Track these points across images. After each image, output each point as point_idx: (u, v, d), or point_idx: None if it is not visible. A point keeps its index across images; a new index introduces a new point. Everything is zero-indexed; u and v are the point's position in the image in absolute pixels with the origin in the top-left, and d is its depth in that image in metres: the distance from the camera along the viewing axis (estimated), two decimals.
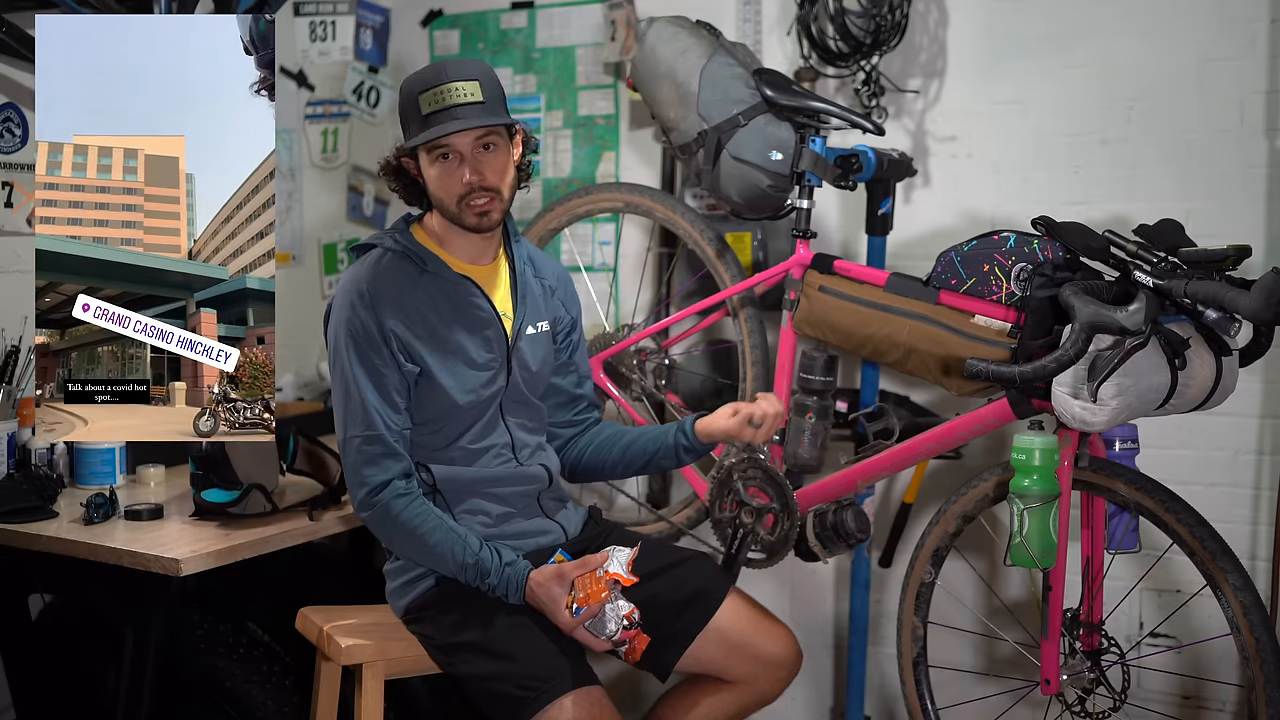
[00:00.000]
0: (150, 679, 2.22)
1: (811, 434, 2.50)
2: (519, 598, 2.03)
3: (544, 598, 2.00)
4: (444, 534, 2.04)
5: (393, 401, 2.07)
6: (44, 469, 2.49)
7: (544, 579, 2.01)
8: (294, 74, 3.39)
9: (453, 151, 2.06)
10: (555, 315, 2.29)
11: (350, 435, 2.07)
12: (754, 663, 2.17)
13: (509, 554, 2.06)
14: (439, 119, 2.03)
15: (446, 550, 2.04)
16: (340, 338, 2.08)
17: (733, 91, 2.47)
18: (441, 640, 2.08)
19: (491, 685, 2.01)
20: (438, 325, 2.11)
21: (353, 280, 2.10)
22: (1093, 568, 2.29)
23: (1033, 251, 2.15)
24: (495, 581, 2.03)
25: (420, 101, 2.04)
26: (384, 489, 2.05)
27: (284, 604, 2.32)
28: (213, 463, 2.31)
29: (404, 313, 2.08)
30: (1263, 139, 2.64)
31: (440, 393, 2.10)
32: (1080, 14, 2.78)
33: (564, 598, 1.99)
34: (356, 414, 2.06)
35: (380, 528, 2.09)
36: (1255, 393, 2.65)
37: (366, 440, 2.06)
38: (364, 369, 2.06)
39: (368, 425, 2.06)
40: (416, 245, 2.14)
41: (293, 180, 3.40)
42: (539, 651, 2.00)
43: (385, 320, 2.06)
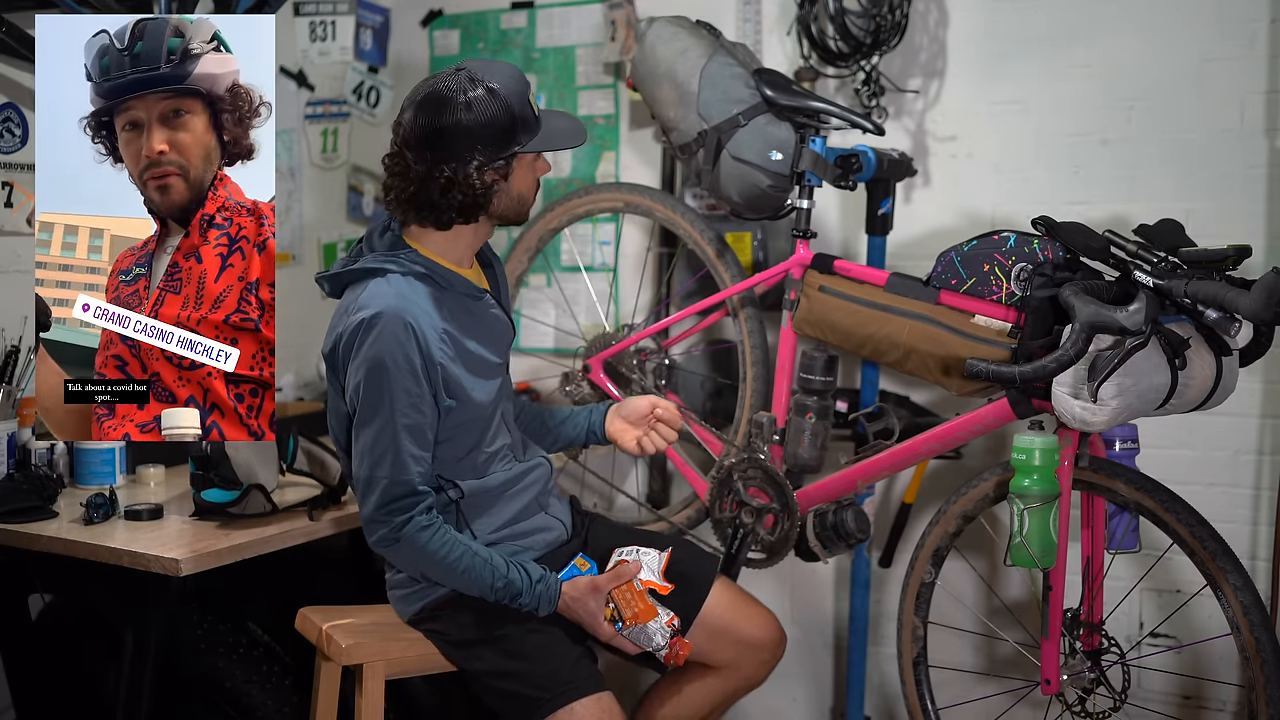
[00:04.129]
0: (150, 679, 2.21)
1: (811, 434, 2.50)
2: (551, 610, 2.02)
3: (581, 613, 2.00)
4: (471, 560, 2.01)
5: (426, 443, 2.01)
6: (44, 469, 2.49)
7: (579, 594, 2.01)
8: (294, 74, 3.39)
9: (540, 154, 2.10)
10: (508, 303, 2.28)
11: (378, 475, 1.99)
12: (737, 647, 2.18)
13: (535, 569, 2.05)
14: (547, 118, 2.08)
15: (475, 576, 2.01)
16: (385, 374, 1.96)
17: (733, 91, 2.47)
18: (457, 636, 2.08)
19: (504, 684, 2.02)
20: (466, 344, 2.07)
21: (393, 312, 1.97)
22: (1093, 568, 2.29)
23: (1033, 251, 2.15)
24: (527, 600, 2.01)
25: (532, 105, 2.06)
26: (407, 525, 2.00)
27: (284, 604, 2.32)
28: (213, 463, 2.31)
29: (442, 341, 2.02)
30: (1263, 139, 2.64)
31: (471, 408, 2.08)
32: (1081, 14, 2.78)
33: (602, 611, 1.98)
34: (388, 456, 1.98)
35: (404, 560, 2.06)
36: (1255, 393, 2.65)
37: (395, 484, 1.99)
38: (406, 414, 1.97)
39: (400, 470, 1.98)
40: (434, 265, 2.06)
41: (292, 180, 3.40)
42: (555, 654, 2.00)
43: (432, 353, 1.99)
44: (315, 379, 3.39)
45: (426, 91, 2.01)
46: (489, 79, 2.00)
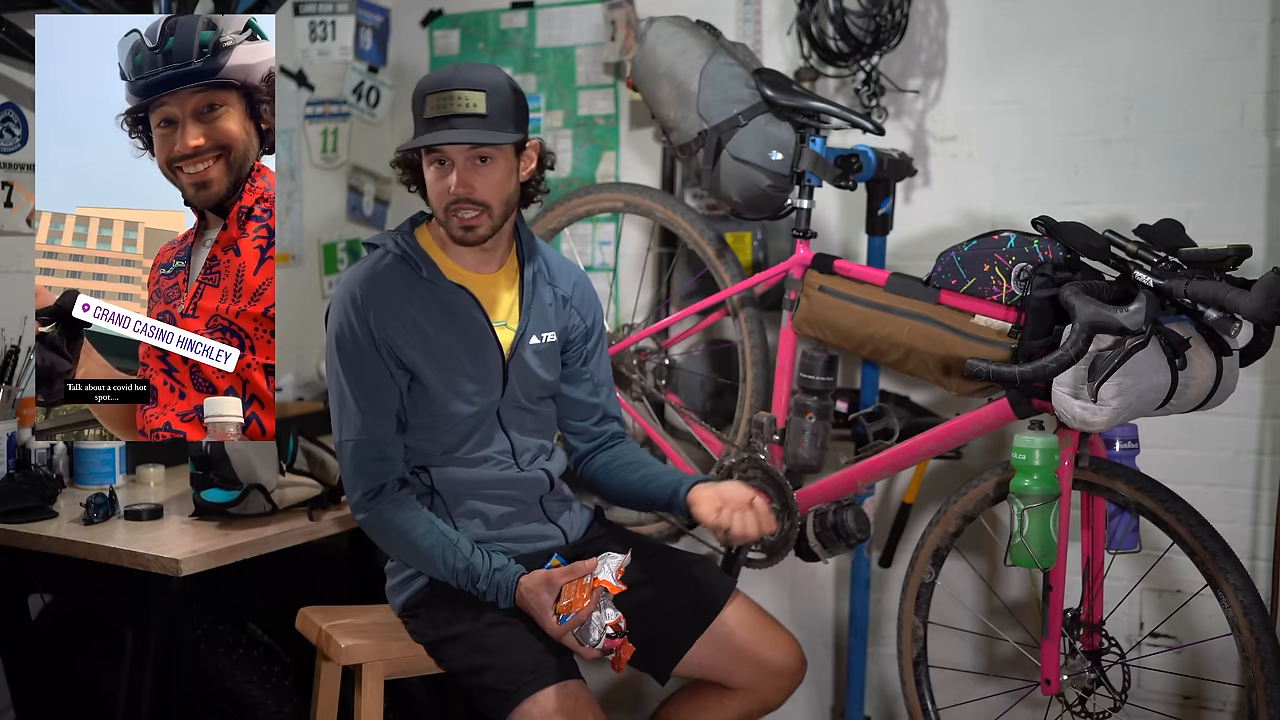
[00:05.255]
0: (150, 679, 2.21)
1: (811, 434, 2.50)
2: (509, 603, 2.03)
3: (532, 604, 2.00)
4: (435, 538, 2.04)
5: (384, 407, 2.07)
6: (44, 469, 2.49)
7: (533, 585, 2.00)
8: (294, 74, 3.39)
9: (447, 159, 2.05)
10: (566, 324, 2.24)
11: (344, 439, 2.09)
12: (757, 670, 2.16)
13: (499, 559, 2.05)
14: (437, 125, 2.03)
15: (438, 555, 2.04)
16: (332, 341, 2.09)
17: (733, 91, 2.47)
18: (432, 635, 2.09)
19: (476, 679, 2.02)
20: (431, 333, 2.09)
21: (348, 283, 2.10)
22: (1093, 568, 2.29)
23: (1033, 251, 2.15)
24: (485, 587, 2.03)
25: (426, 103, 2.04)
26: (378, 494, 2.06)
27: (284, 604, 2.32)
28: (212, 463, 2.31)
29: (396, 319, 2.07)
30: (1263, 139, 2.64)
31: (436, 401, 2.10)
32: (1080, 14, 2.78)
33: (552, 604, 1.98)
34: (350, 418, 2.08)
35: (374, 531, 2.10)
36: (1255, 393, 2.65)
37: (359, 445, 2.07)
38: (355, 374, 2.07)
39: (360, 430, 2.07)
40: (417, 249, 2.13)
41: (292, 180, 3.40)
42: (521, 646, 2.00)
43: (376, 326, 2.06)
44: (315, 379, 3.39)
45: None
46: (424, 78, 2.09)
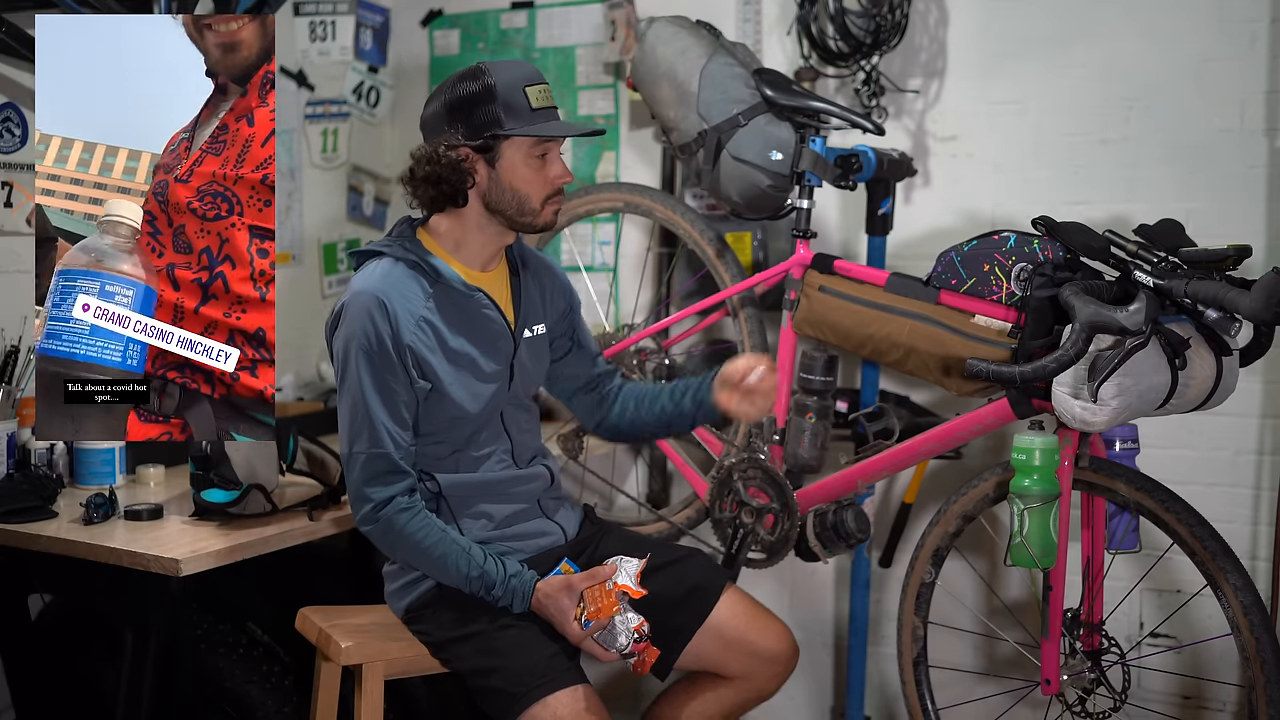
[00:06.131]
0: (150, 679, 2.21)
1: (811, 434, 2.50)
2: (524, 608, 2.02)
3: (552, 610, 2.00)
4: (448, 547, 2.03)
5: (401, 419, 2.04)
6: (44, 469, 2.49)
7: (552, 591, 2.01)
8: (294, 74, 3.39)
9: (549, 150, 2.06)
10: (552, 310, 2.26)
11: (356, 450, 2.04)
12: (750, 658, 2.17)
13: (513, 564, 2.05)
14: (548, 116, 2.04)
15: (451, 564, 2.02)
16: (353, 349, 2.03)
17: (733, 91, 2.47)
18: (439, 636, 2.09)
19: (484, 681, 2.02)
20: (449, 338, 2.08)
21: (368, 291, 2.03)
22: (1093, 568, 2.29)
23: (1033, 251, 2.15)
24: (500, 594, 2.02)
25: (529, 95, 2.03)
26: (388, 505, 2.03)
27: (283, 604, 2.32)
28: (213, 462, 2.31)
29: (419, 327, 2.05)
30: (1263, 139, 2.64)
31: (450, 405, 2.08)
32: (1080, 14, 2.78)
33: (572, 610, 1.98)
34: (364, 429, 2.03)
35: (383, 541, 2.08)
36: (1255, 393, 2.65)
37: (372, 458, 2.03)
38: (376, 384, 2.02)
39: (375, 443, 2.03)
40: (428, 255, 2.09)
41: (292, 180, 3.40)
42: (531, 650, 2.00)
43: (402, 335, 2.03)
44: (315, 379, 3.39)
45: (441, 82, 2.09)
46: (491, 69, 2.04)
